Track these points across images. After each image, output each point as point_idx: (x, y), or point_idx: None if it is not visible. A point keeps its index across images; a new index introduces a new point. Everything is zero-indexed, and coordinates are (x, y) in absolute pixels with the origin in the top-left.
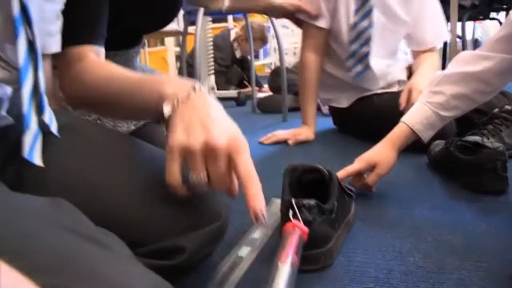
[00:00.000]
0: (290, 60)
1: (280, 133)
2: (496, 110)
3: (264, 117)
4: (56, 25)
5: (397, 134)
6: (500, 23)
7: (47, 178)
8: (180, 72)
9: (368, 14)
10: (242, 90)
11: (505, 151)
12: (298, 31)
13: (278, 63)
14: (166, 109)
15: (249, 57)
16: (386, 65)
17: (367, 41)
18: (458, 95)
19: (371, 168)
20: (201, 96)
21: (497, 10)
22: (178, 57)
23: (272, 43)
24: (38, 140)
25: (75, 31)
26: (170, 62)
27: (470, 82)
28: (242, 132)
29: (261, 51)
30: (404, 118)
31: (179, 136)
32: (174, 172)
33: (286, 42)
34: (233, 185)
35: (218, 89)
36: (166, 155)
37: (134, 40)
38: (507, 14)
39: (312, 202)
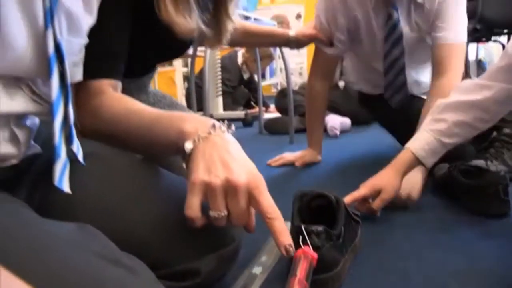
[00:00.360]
0: (296, 80)
1: (288, 156)
2: (495, 134)
3: (271, 138)
4: (80, 56)
5: (401, 160)
6: (503, 45)
7: (73, 204)
8: (188, 93)
9: (398, 41)
10: (249, 111)
11: (506, 175)
12: (303, 51)
13: (284, 83)
14: (188, 146)
15: (255, 78)
16: (419, 74)
17: (402, 70)
18: (459, 123)
19: (376, 193)
20: (220, 134)
21: (498, 34)
22: (186, 78)
23: (278, 63)
24: (66, 168)
25: (96, 64)
26: (178, 82)
27: (471, 110)
28: (250, 153)
29: (267, 71)
30: (408, 145)
31: (200, 173)
32: (194, 207)
33: (292, 62)
34: (251, 221)
35: (225, 109)
36: (188, 190)
37: (148, 69)
38: (509, 38)
39: (320, 228)
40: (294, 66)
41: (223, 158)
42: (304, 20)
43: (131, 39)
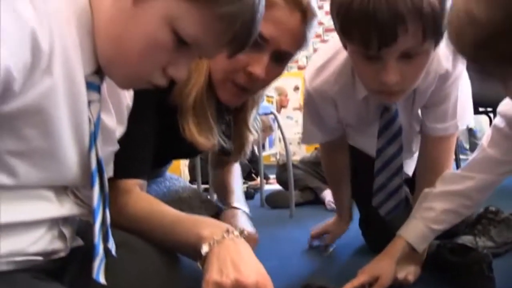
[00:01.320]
0: (295, 149)
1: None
2: (482, 211)
3: (272, 212)
4: (112, 158)
5: (395, 248)
6: (489, 118)
7: None
8: (192, 165)
9: (396, 137)
10: (250, 183)
11: (489, 253)
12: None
13: (283, 152)
14: (204, 249)
15: (256, 150)
16: (409, 156)
17: (398, 171)
18: (446, 211)
19: (374, 280)
20: (233, 238)
21: (481, 113)
22: None
23: (277, 133)
24: (103, 263)
25: (125, 166)
26: None
27: (456, 198)
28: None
29: (267, 142)
30: (401, 232)
31: (213, 274)
32: None
33: (290, 132)
34: None
35: None
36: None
37: (168, 162)
38: (494, 114)
39: None
40: (293, 136)
41: (234, 260)
42: (301, 92)
43: (157, 145)
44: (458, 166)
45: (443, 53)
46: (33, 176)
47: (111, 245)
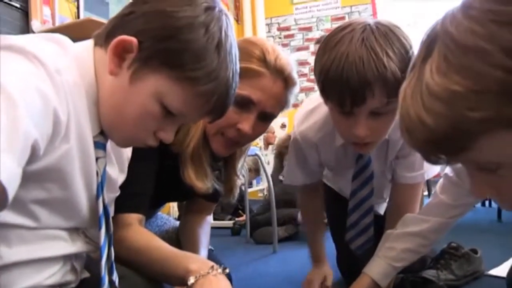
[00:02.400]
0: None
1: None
2: (445, 247)
3: (257, 247)
4: (113, 201)
5: (361, 284)
6: None
7: None
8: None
9: (368, 181)
10: (237, 219)
11: (445, 286)
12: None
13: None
14: (191, 281)
15: (243, 188)
16: (382, 199)
17: (369, 211)
18: (405, 250)
19: None
20: (216, 274)
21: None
22: None
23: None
24: None
25: (126, 201)
26: None
27: (414, 239)
28: (238, 262)
29: (254, 180)
30: (366, 270)
31: None
32: None
33: None
34: None
35: (214, 218)
36: None
37: (163, 204)
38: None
39: None
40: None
41: None
42: (288, 129)
43: (157, 186)
44: None
45: None
46: (52, 220)
47: (115, 277)
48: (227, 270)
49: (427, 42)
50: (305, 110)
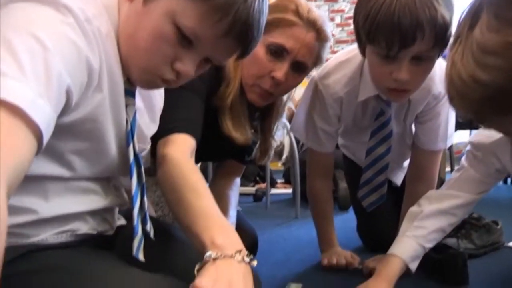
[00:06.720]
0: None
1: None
2: (466, 217)
3: (279, 213)
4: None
5: (392, 270)
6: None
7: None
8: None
9: (386, 138)
10: (259, 187)
11: (465, 252)
12: None
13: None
14: (208, 255)
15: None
16: (398, 167)
17: (384, 169)
18: (436, 229)
19: None
20: (239, 260)
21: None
22: None
23: (286, 140)
24: (142, 243)
25: (181, 123)
26: None
27: (443, 217)
28: (262, 225)
29: None
30: (395, 251)
31: (205, 280)
32: None
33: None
34: None
35: None
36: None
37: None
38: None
39: None
40: None
41: (230, 280)
42: None
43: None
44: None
45: (439, 77)
46: (86, 169)
47: (149, 229)
48: (255, 263)
49: (471, 12)
50: (337, 60)
